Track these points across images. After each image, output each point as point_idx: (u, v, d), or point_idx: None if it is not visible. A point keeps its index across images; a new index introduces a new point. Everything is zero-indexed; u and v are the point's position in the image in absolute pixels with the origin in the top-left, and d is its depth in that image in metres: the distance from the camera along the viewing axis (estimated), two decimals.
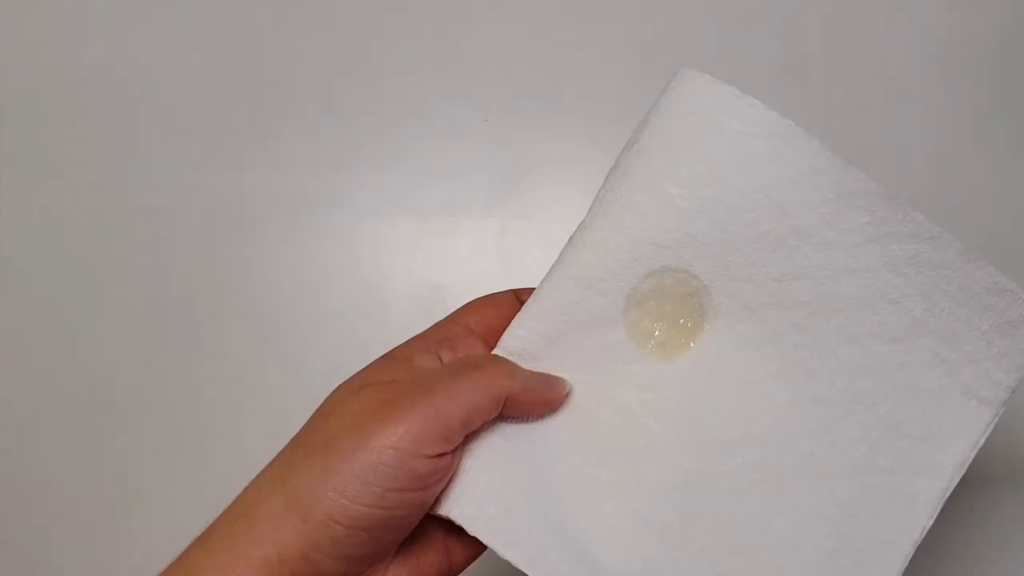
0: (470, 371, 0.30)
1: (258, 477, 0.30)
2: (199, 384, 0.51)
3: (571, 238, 0.33)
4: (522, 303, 0.34)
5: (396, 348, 0.33)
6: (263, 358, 0.51)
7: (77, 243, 0.53)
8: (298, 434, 0.30)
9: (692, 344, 0.33)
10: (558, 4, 0.55)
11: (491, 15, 0.55)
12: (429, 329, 0.34)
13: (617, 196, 0.33)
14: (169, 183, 0.53)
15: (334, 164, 0.54)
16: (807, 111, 0.54)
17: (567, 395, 0.33)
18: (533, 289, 0.34)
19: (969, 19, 0.55)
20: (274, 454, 0.50)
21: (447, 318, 0.34)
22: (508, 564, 0.30)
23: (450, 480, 0.30)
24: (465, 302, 0.35)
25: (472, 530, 0.30)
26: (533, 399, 0.32)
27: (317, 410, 0.31)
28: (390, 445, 0.28)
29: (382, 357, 0.32)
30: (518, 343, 0.33)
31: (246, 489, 0.29)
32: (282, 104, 0.54)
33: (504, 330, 0.33)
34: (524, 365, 0.33)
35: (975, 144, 0.54)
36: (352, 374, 0.32)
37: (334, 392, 0.31)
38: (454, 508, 0.30)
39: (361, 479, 0.27)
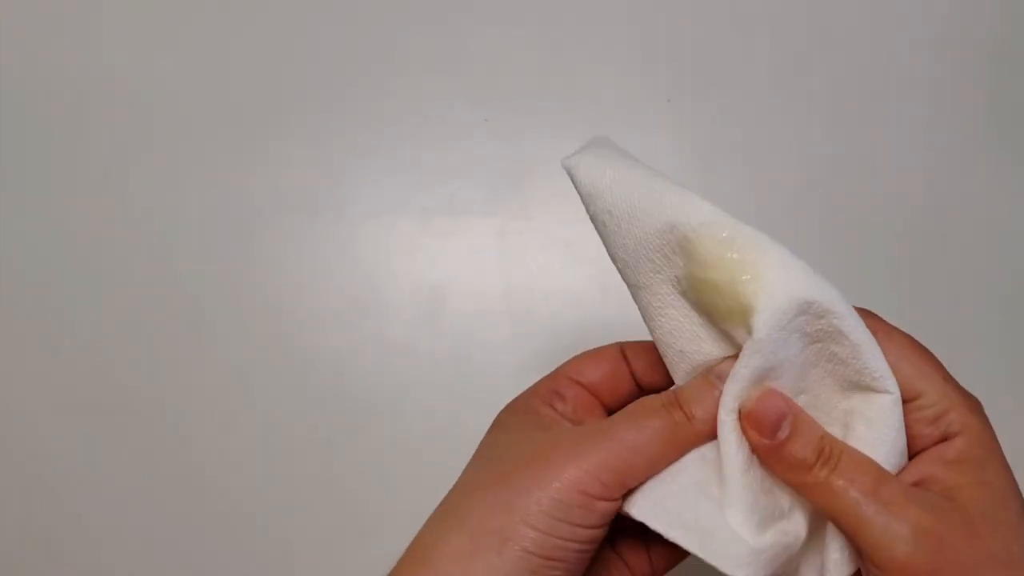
0: (649, 419, 0.30)
1: (428, 523, 0.29)
2: (199, 383, 0.51)
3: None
4: (626, 357, 0.34)
5: (513, 403, 0.33)
6: (264, 358, 0.51)
7: (79, 243, 0.53)
8: (461, 479, 0.31)
9: (755, 299, 0.28)
10: (558, 4, 0.55)
11: (491, 15, 0.55)
12: (534, 386, 0.34)
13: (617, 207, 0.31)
14: (170, 184, 0.53)
15: (334, 164, 0.54)
16: (806, 111, 0.54)
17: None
18: (638, 343, 0.34)
19: (968, 19, 0.55)
20: (272, 453, 0.50)
21: (550, 374, 0.34)
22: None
23: None
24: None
25: (639, 516, 0.29)
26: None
27: (475, 455, 0.31)
28: (574, 487, 0.28)
29: (504, 411, 0.33)
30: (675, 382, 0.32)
31: (419, 536, 0.29)
32: (282, 105, 0.55)
33: (604, 385, 0.33)
34: None
35: (975, 144, 0.54)
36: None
37: (486, 438, 0.32)
38: None
39: (549, 515, 0.27)
